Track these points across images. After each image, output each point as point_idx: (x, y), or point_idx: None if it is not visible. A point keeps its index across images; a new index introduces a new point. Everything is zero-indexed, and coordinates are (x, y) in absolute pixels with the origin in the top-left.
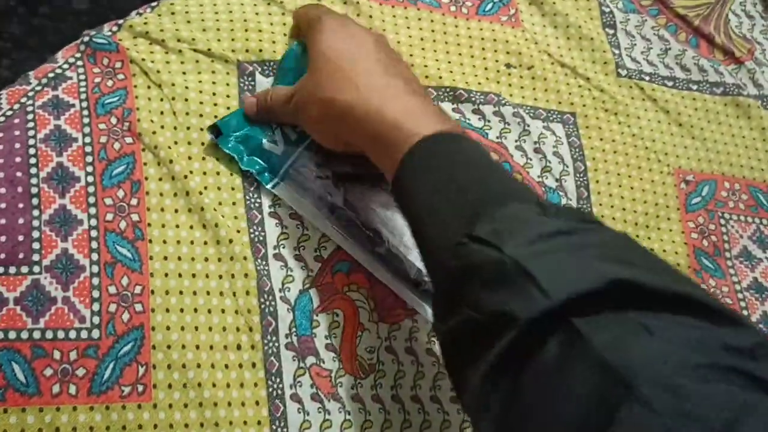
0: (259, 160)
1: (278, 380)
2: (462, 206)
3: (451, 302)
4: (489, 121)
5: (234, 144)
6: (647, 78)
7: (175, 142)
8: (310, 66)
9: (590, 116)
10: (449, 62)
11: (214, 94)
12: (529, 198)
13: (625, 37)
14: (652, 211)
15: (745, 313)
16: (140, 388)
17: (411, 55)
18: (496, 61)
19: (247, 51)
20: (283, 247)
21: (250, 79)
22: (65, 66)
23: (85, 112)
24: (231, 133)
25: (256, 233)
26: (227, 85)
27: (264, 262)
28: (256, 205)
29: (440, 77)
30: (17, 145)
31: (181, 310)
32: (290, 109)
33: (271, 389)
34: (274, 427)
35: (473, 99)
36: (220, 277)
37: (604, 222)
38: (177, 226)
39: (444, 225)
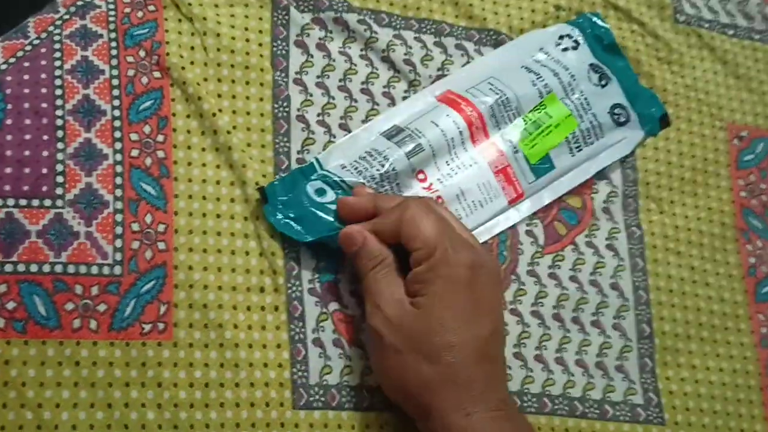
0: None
1: (301, 324)
2: None
3: None
4: None
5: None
6: (706, 25)
7: (205, 79)
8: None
9: (642, 63)
10: (495, 2)
11: (246, 29)
12: None
13: None
14: (701, 167)
15: None
16: (161, 326)
17: None
18: (545, 2)
19: None
20: None
21: (284, 13)
22: None
23: (114, 44)
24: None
25: None
26: (260, 19)
27: None
28: (285, 149)
29: (484, 18)
30: (43, 76)
31: (204, 251)
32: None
33: (293, 333)
34: (294, 371)
35: None
36: (245, 218)
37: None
38: (203, 165)
39: None
